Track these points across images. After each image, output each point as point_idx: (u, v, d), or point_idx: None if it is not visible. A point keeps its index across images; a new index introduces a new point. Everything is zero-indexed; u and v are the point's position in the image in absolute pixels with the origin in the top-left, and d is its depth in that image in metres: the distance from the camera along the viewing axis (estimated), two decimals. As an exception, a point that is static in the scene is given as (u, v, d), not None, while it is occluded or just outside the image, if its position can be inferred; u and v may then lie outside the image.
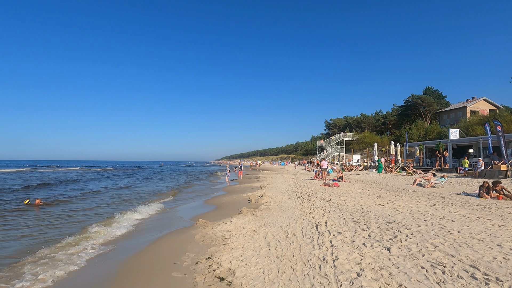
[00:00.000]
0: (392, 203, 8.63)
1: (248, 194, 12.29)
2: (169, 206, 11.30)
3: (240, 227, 6.06)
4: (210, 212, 9.07)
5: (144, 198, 13.58)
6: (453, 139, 24.02)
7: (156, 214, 9.57)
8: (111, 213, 9.24)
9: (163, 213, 9.82)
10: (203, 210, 9.62)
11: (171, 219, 8.35)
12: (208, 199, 12.56)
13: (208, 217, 7.88)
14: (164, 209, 10.40)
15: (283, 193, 12.37)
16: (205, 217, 8.04)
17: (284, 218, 6.93)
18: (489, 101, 48.10)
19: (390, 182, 17.41)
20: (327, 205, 8.56)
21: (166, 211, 10.14)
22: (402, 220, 6.05)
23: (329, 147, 53.82)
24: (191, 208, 10.39)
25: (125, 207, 10.58)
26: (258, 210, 8.28)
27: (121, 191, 16.79)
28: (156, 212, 9.79)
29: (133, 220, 8.33)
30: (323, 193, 11.65)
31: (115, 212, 9.20)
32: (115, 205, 11.39)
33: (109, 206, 11.29)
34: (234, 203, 10.32)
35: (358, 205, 8.32)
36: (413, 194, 11.08)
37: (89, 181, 24.88)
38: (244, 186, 17.58)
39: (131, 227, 7.55)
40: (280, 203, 9.46)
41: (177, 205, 11.39)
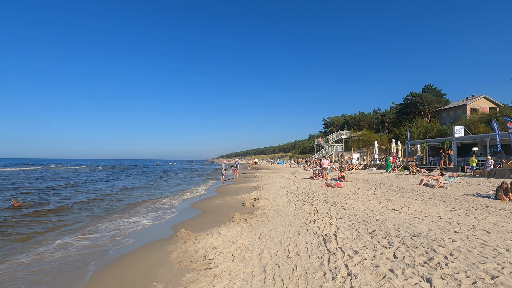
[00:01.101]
0: (407, 208, 7.52)
1: (242, 196, 11.12)
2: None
3: (229, 241, 4.89)
4: (197, 218, 7.88)
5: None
6: (457, 136, 23.07)
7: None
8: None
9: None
10: (189, 215, 8.43)
11: (149, 227, 7.15)
12: (197, 201, 11.35)
13: (193, 226, 6.70)
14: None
15: (281, 194, 11.23)
16: (190, 225, 6.86)
17: (283, 227, 5.78)
18: (489, 99, 47.43)
19: (395, 181, 16.37)
20: (332, 210, 7.42)
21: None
22: (428, 232, 4.92)
23: (328, 145, 52.86)
24: (176, 212, 9.18)
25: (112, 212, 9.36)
26: (253, 216, 7.12)
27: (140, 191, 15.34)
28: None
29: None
30: (325, 195, 10.53)
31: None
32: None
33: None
34: (227, 207, 9.15)
35: (368, 210, 7.20)
36: (424, 196, 10.00)
37: (103, 181, 23.28)
38: (239, 187, 16.41)
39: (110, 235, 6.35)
40: (278, 207, 8.31)
41: (161, 209, 10.17)
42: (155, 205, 10.79)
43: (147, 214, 8.94)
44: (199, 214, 8.53)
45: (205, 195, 13.80)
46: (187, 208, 9.83)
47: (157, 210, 9.51)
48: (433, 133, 41.71)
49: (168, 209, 9.87)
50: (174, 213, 9.01)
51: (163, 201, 11.65)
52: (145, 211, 9.48)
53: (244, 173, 31.55)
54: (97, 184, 20.41)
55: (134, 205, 10.79)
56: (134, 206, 10.43)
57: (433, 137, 38.59)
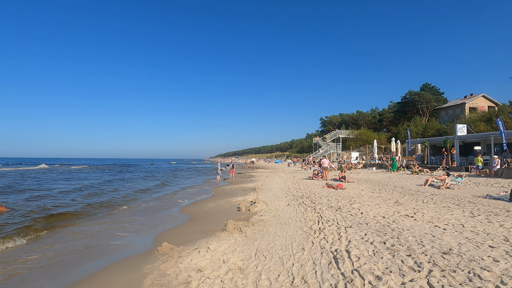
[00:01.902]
0: (421, 214, 6.71)
1: (238, 199, 10.24)
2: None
3: (219, 259, 4.01)
4: (186, 224, 6.97)
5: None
6: (460, 135, 22.41)
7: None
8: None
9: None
10: (176, 221, 7.51)
11: (129, 236, 6.24)
12: (187, 204, 10.40)
13: (179, 236, 5.80)
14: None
15: (280, 197, 10.37)
16: (176, 234, 5.96)
17: (284, 239, 4.92)
18: (488, 97, 47.11)
19: (398, 182, 15.62)
20: (338, 216, 6.57)
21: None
22: (460, 248, 4.09)
23: (325, 144, 52.14)
24: (161, 218, 8.25)
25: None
26: (249, 224, 6.25)
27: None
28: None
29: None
30: (328, 197, 9.68)
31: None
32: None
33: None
34: (220, 212, 8.26)
35: (379, 217, 6.37)
36: (434, 198, 9.21)
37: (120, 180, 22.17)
38: (235, 188, 15.52)
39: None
40: (277, 213, 7.45)
41: (146, 213, 9.24)
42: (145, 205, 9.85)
43: (131, 218, 8.01)
44: (188, 220, 7.61)
45: (198, 196, 12.87)
46: (176, 212, 8.91)
47: (144, 214, 8.59)
48: (431, 132, 41.24)
49: (153, 212, 8.96)
50: (161, 218, 8.10)
51: (151, 204, 10.72)
52: (129, 213, 8.55)
53: (241, 173, 30.66)
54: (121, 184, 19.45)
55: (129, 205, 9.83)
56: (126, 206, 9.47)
57: (432, 136, 38.08)
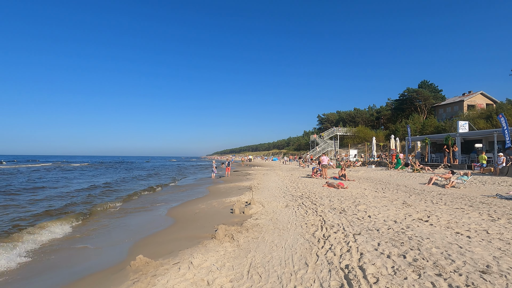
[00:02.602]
0: (436, 218, 5.98)
1: (232, 199, 9.44)
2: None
3: (202, 280, 3.21)
4: (170, 230, 6.14)
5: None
6: (462, 132, 21.85)
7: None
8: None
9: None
10: (161, 226, 6.68)
11: (99, 248, 5.41)
12: (175, 205, 9.54)
13: (160, 244, 4.99)
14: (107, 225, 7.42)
15: (277, 197, 9.60)
16: (157, 242, 5.14)
17: (283, 251, 4.15)
18: (486, 95, 46.81)
19: (400, 180, 14.97)
20: (344, 221, 5.82)
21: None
22: (499, 264, 3.35)
23: (323, 141, 51.53)
24: (144, 222, 7.41)
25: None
26: (242, 229, 5.46)
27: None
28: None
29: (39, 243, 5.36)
30: (330, 197, 8.93)
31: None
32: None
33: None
34: (211, 215, 7.45)
35: (390, 221, 5.63)
36: (443, 198, 8.51)
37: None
38: (230, 186, 14.73)
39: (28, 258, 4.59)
40: (274, 216, 6.67)
41: (131, 215, 8.41)
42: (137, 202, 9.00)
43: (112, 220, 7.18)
44: (175, 224, 6.80)
45: (189, 196, 12.04)
46: (164, 214, 8.08)
47: (128, 216, 7.76)
48: (430, 129, 40.86)
49: (139, 214, 8.13)
50: (145, 221, 7.28)
51: (137, 206, 9.88)
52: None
53: (237, 171, 29.86)
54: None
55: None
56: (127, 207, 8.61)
57: (430, 133, 37.67)
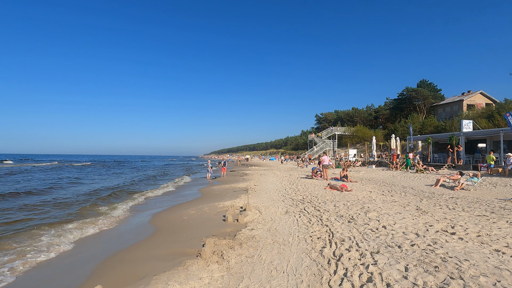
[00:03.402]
0: (461, 228, 5.10)
1: (225, 204, 8.50)
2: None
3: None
4: (148, 244, 5.16)
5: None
6: (466, 131, 21.13)
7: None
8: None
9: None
10: (139, 237, 5.71)
11: (59, 269, 4.44)
12: (163, 210, 8.56)
13: (129, 266, 4.03)
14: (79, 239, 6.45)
15: (276, 201, 8.69)
16: (126, 262, 4.18)
17: (285, 278, 3.23)
18: (485, 94, 46.38)
19: (404, 181, 14.15)
20: (355, 232, 4.92)
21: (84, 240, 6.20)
22: None
23: (321, 141, 50.74)
24: (122, 232, 6.44)
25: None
26: (235, 243, 4.55)
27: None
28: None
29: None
30: (334, 202, 8.04)
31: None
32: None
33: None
34: (200, 223, 6.51)
35: (411, 234, 4.74)
36: (459, 203, 7.67)
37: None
38: (225, 188, 13.79)
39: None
40: (273, 225, 5.76)
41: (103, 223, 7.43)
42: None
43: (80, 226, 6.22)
44: (155, 234, 5.83)
45: (177, 200, 11.04)
46: (146, 222, 7.11)
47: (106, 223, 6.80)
48: (430, 129, 40.31)
49: (117, 221, 7.17)
50: (121, 230, 6.32)
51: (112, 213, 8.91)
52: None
53: (234, 171, 28.92)
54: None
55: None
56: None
57: (430, 133, 37.11)
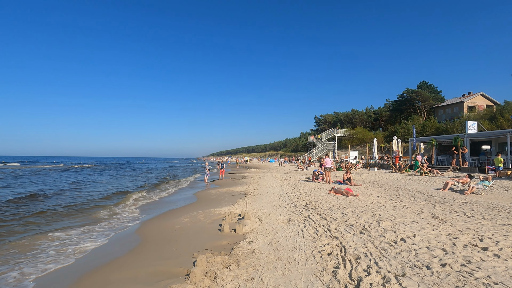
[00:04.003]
0: (492, 242, 4.44)
1: (222, 210, 7.81)
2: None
3: None
4: (128, 260, 4.44)
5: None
6: (471, 133, 20.58)
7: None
8: None
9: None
10: (121, 250, 5.01)
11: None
12: (152, 217, 7.83)
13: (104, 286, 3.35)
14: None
15: (277, 207, 8.01)
16: (98, 284, 3.49)
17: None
18: (486, 96, 46.04)
19: (410, 185, 13.52)
20: (371, 247, 4.25)
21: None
22: None
23: (321, 143, 50.15)
24: (104, 244, 5.74)
25: None
26: (231, 261, 3.87)
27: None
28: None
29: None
30: (341, 208, 7.36)
31: None
32: None
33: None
34: (193, 234, 5.82)
35: (437, 250, 4.07)
36: (476, 209, 7.02)
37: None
38: (222, 192, 13.10)
39: None
40: (275, 236, 5.08)
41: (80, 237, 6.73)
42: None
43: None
44: (139, 245, 5.13)
45: (171, 205, 10.30)
46: (134, 231, 6.41)
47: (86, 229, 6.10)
48: (430, 131, 39.85)
49: (100, 231, 6.47)
50: (104, 243, 5.62)
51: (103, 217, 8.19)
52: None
53: (232, 173, 28.22)
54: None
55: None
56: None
57: (430, 134, 36.65)
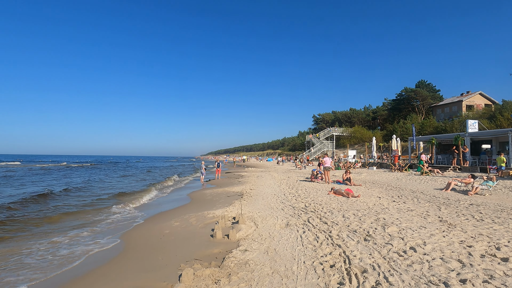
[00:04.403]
0: (509, 250, 4.04)
1: (216, 213, 7.34)
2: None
3: None
4: (107, 270, 3.98)
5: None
6: (472, 132, 20.26)
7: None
8: None
9: None
10: (102, 257, 4.52)
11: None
12: (146, 219, 7.36)
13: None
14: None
15: (274, 209, 7.56)
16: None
17: None
18: (484, 95, 45.91)
19: (411, 185, 13.14)
20: (378, 258, 3.81)
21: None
22: None
23: (319, 142, 49.80)
24: (85, 251, 5.26)
25: None
26: (221, 275, 3.41)
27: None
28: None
29: None
30: (342, 211, 6.92)
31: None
32: None
33: None
34: (182, 239, 5.34)
35: (453, 262, 3.63)
36: (484, 211, 6.61)
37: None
38: (218, 192, 12.63)
39: None
40: (271, 244, 4.63)
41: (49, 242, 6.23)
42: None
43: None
44: (121, 254, 4.65)
45: (161, 207, 9.80)
46: (118, 237, 5.92)
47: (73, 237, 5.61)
48: (429, 130, 39.69)
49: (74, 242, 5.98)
50: (81, 258, 5.13)
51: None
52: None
53: (229, 172, 27.76)
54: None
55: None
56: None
57: (429, 133, 36.44)
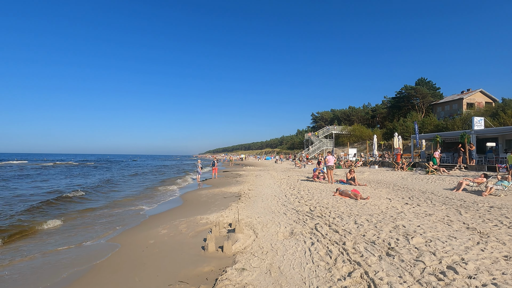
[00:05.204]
0: None
1: (210, 218, 6.53)
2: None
3: None
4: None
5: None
6: (477, 129, 19.62)
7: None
8: None
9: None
10: (75, 274, 3.71)
11: None
12: (126, 229, 6.48)
13: None
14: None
15: (276, 213, 6.76)
16: None
17: None
18: (485, 93, 45.40)
19: (418, 184, 12.41)
20: (410, 281, 3.00)
21: None
22: None
23: (318, 140, 49.12)
24: (55, 263, 4.43)
25: None
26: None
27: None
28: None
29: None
30: (353, 216, 6.13)
31: None
32: None
33: None
34: (169, 251, 4.54)
35: (507, 287, 2.89)
36: (509, 215, 5.88)
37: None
38: (214, 193, 11.81)
39: None
40: (274, 261, 3.83)
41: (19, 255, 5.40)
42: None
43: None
44: (90, 271, 3.83)
45: (155, 208, 8.97)
46: (100, 248, 5.10)
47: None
48: (430, 128, 39.14)
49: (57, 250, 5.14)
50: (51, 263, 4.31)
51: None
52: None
53: (227, 171, 26.95)
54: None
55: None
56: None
57: (430, 132, 35.87)
